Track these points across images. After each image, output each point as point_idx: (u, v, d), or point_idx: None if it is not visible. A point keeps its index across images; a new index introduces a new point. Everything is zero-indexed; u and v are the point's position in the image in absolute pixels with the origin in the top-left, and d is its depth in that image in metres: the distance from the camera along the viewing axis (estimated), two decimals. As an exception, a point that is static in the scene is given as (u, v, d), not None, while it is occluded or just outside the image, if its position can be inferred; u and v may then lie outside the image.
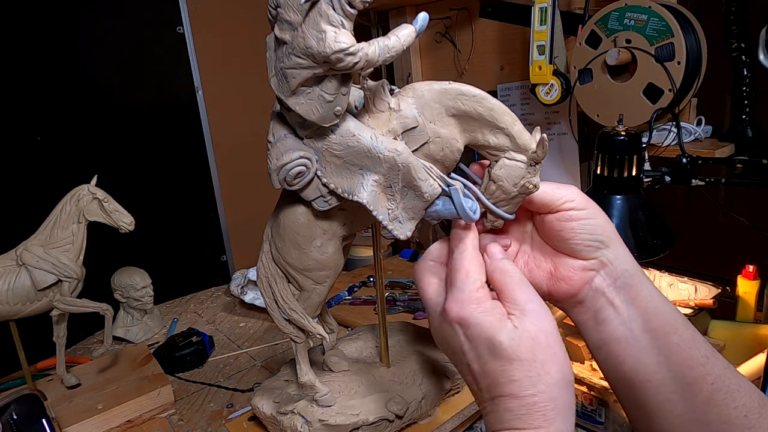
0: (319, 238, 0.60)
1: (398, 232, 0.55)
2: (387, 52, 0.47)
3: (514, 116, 0.51)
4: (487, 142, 0.51)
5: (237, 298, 1.27)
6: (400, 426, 0.70)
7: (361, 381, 0.72)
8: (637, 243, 0.80)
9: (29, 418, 0.74)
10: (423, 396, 0.71)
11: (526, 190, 0.50)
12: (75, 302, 0.84)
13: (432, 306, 0.47)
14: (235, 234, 1.49)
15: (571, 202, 0.47)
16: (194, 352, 1.03)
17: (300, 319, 0.65)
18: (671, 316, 0.45)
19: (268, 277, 0.65)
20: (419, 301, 1.16)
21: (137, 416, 0.85)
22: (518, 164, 0.50)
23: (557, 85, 1.03)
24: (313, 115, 0.50)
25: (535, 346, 0.41)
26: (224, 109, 1.41)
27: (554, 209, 0.47)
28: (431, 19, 0.58)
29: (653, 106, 0.92)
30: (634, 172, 0.80)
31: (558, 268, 0.48)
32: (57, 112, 1.14)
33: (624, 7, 0.92)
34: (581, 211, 0.46)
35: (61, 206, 0.84)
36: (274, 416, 0.71)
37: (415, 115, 0.52)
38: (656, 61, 0.90)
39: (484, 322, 0.42)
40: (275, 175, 0.54)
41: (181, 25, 1.31)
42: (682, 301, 0.91)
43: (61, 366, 0.88)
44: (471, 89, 0.51)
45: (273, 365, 1.01)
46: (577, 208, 0.46)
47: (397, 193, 0.53)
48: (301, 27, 0.46)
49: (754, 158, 0.87)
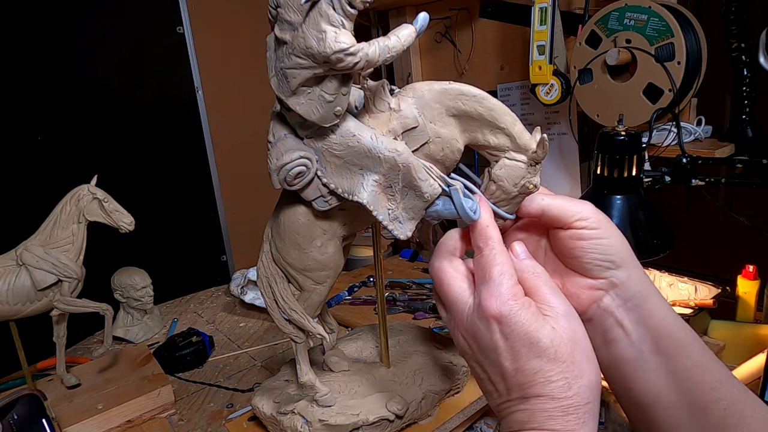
0: (319, 238, 0.60)
1: (398, 232, 0.55)
2: (387, 52, 0.47)
3: (514, 116, 0.51)
4: (487, 142, 0.52)
5: (237, 298, 1.27)
6: (400, 426, 0.70)
7: (361, 381, 0.72)
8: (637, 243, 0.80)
9: (29, 418, 0.74)
10: (423, 396, 0.71)
11: (526, 190, 0.50)
12: (75, 302, 0.84)
13: (460, 301, 0.45)
14: (235, 234, 1.49)
15: (584, 221, 0.45)
16: (194, 352, 1.03)
17: (300, 319, 0.65)
18: (685, 339, 0.44)
19: (268, 277, 0.65)
20: (419, 301, 1.16)
21: (137, 416, 0.85)
22: (518, 164, 0.50)
23: (557, 85, 1.03)
24: (314, 115, 0.50)
25: (573, 348, 0.40)
26: (224, 109, 1.41)
27: (566, 226, 0.46)
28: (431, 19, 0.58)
29: (653, 106, 0.92)
30: (634, 172, 0.80)
31: (566, 285, 0.48)
32: (57, 112, 1.14)
33: (624, 7, 0.92)
34: (594, 230, 0.45)
35: (61, 206, 0.84)
36: (274, 416, 0.71)
37: (416, 115, 0.52)
38: (656, 61, 0.90)
39: (524, 319, 0.41)
40: (275, 175, 0.54)
41: (181, 25, 1.31)
42: (682, 301, 0.91)
43: (61, 366, 0.88)
44: (471, 89, 0.51)
45: (273, 365, 1.01)
46: (590, 227, 0.45)
47: (398, 193, 0.53)
48: (301, 27, 0.46)
49: (754, 158, 0.87)
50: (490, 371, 0.43)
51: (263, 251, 0.65)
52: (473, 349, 0.44)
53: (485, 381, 0.44)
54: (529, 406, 0.40)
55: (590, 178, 1.02)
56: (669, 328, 0.45)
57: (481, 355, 0.43)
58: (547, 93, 1.05)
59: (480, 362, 0.44)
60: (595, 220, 0.46)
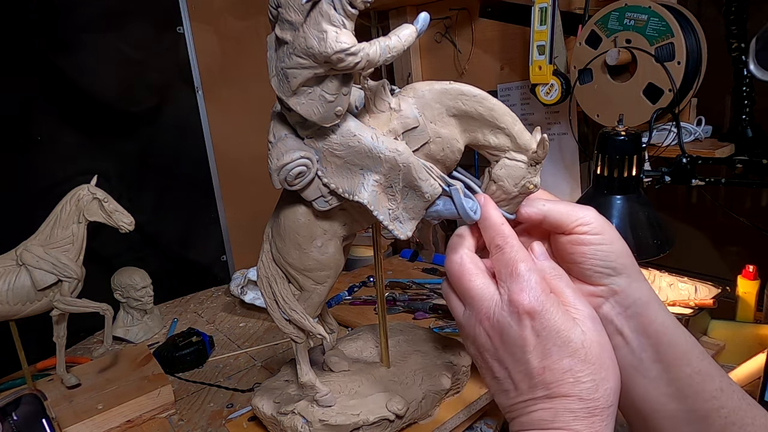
0: (320, 238, 0.60)
1: (399, 232, 0.55)
2: (388, 52, 0.47)
3: (514, 116, 0.51)
4: (487, 142, 0.52)
5: (237, 298, 1.27)
6: (401, 426, 0.70)
7: (361, 381, 0.72)
8: (637, 243, 0.80)
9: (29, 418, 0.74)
10: (423, 396, 0.71)
11: (526, 190, 0.50)
12: (75, 302, 0.84)
13: (484, 296, 0.43)
14: (235, 234, 1.49)
15: (585, 226, 0.45)
16: (194, 352, 1.02)
17: (300, 319, 0.65)
18: (686, 346, 0.44)
19: (269, 277, 0.65)
20: (419, 301, 1.16)
21: (137, 416, 0.85)
22: (519, 164, 0.50)
23: (557, 85, 1.03)
24: (314, 115, 0.50)
25: (601, 351, 0.40)
26: (224, 109, 1.41)
27: (567, 231, 0.46)
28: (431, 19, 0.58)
29: (653, 106, 0.92)
30: (634, 172, 0.80)
31: None
32: (57, 112, 1.14)
33: (624, 7, 0.92)
34: (595, 236, 0.45)
35: (61, 206, 0.84)
36: (274, 416, 0.71)
37: (416, 115, 0.52)
38: (656, 61, 0.90)
39: (556, 316, 0.40)
40: (276, 175, 0.54)
41: (181, 25, 1.31)
42: (682, 301, 0.91)
43: (61, 366, 0.88)
44: (471, 89, 0.51)
45: (273, 365, 1.01)
46: (591, 233, 0.45)
47: (398, 193, 0.53)
48: (302, 27, 0.45)
49: (754, 158, 0.87)
50: (512, 368, 0.42)
51: (263, 251, 0.65)
52: (495, 345, 0.43)
53: (503, 379, 0.43)
54: (554, 405, 0.39)
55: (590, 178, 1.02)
56: (669, 336, 0.44)
57: (504, 351, 0.42)
58: (547, 93, 1.05)
59: (501, 359, 0.43)
60: (597, 226, 0.45)
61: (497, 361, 0.43)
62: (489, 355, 0.44)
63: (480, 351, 0.44)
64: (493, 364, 0.44)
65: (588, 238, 0.45)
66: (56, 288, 0.83)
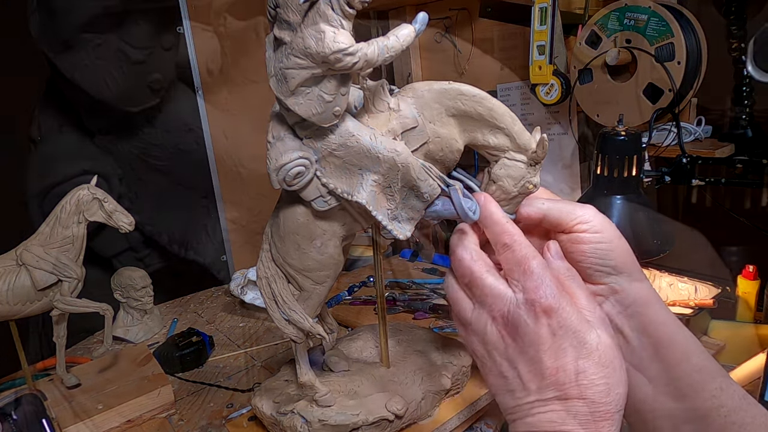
0: (319, 238, 0.60)
1: (398, 232, 0.55)
2: (386, 52, 0.47)
3: (514, 116, 0.51)
4: (487, 142, 0.52)
5: (237, 298, 1.27)
6: (400, 426, 0.70)
7: (361, 381, 0.72)
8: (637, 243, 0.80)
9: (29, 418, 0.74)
10: (423, 396, 0.71)
11: (526, 190, 0.50)
12: (75, 302, 0.84)
13: (497, 293, 0.42)
14: (235, 234, 1.49)
15: (585, 224, 0.45)
16: (194, 352, 1.02)
17: (300, 319, 0.65)
18: (686, 346, 0.44)
19: (268, 277, 0.65)
20: (419, 301, 1.16)
21: (137, 416, 0.85)
22: (518, 164, 0.50)
23: (557, 85, 1.03)
24: (313, 115, 0.50)
25: (614, 356, 0.40)
26: (224, 109, 1.41)
27: (567, 229, 0.45)
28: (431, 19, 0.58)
29: (653, 106, 0.92)
30: (634, 172, 0.80)
31: None
32: (57, 112, 1.14)
33: (624, 7, 0.92)
34: (595, 234, 0.44)
35: (61, 206, 0.84)
36: (274, 416, 0.71)
37: (415, 115, 0.52)
38: (656, 61, 0.90)
39: (573, 316, 0.40)
40: (274, 175, 0.54)
41: (181, 25, 1.31)
42: (682, 301, 0.91)
43: (61, 366, 0.88)
44: (471, 89, 0.51)
45: (273, 365, 1.01)
46: (591, 231, 0.44)
47: (397, 193, 0.53)
48: (300, 27, 0.46)
49: (754, 158, 0.87)
50: (522, 367, 0.41)
51: (263, 251, 0.65)
52: (507, 342, 0.42)
53: (511, 378, 0.42)
54: (566, 407, 0.39)
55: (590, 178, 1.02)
56: (669, 335, 0.44)
57: (516, 349, 0.41)
58: (547, 93, 1.05)
59: (511, 358, 0.42)
60: (596, 224, 0.45)
61: (507, 359, 0.42)
62: (498, 354, 0.43)
63: (489, 349, 0.43)
64: (501, 362, 0.42)
65: (587, 236, 0.45)
66: (56, 288, 0.83)
